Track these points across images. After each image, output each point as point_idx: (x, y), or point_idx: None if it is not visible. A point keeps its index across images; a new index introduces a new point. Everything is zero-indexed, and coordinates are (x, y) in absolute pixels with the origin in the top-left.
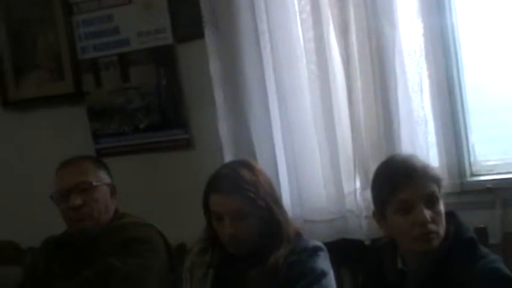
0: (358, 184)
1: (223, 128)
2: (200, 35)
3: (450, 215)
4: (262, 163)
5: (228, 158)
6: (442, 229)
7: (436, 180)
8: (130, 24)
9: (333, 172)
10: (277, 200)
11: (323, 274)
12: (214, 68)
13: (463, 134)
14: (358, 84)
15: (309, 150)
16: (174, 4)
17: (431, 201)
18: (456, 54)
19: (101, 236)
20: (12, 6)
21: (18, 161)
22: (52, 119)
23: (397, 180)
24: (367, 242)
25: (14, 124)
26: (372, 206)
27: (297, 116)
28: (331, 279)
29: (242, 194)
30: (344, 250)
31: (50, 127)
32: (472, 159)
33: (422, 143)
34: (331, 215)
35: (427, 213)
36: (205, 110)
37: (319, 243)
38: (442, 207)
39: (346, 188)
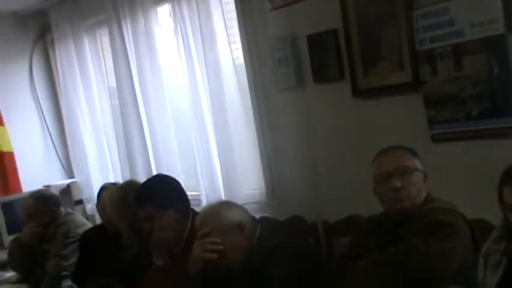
0: None
1: None
2: None
3: None
4: None
5: None
6: None
7: None
8: (464, 16)
9: None
10: None
11: None
12: None
13: None
14: None
15: None
16: None
17: None
18: None
19: (411, 218)
20: (360, 3)
21: (360, 142)
22: (392, 106)
23: None
24: None
25: (361, 110)
26: None
27: None
28: None
29: None
30: None
31: (389, 113)
32: None
33: None
34: None
35: None
36: None
37: None
38: None
39: None
